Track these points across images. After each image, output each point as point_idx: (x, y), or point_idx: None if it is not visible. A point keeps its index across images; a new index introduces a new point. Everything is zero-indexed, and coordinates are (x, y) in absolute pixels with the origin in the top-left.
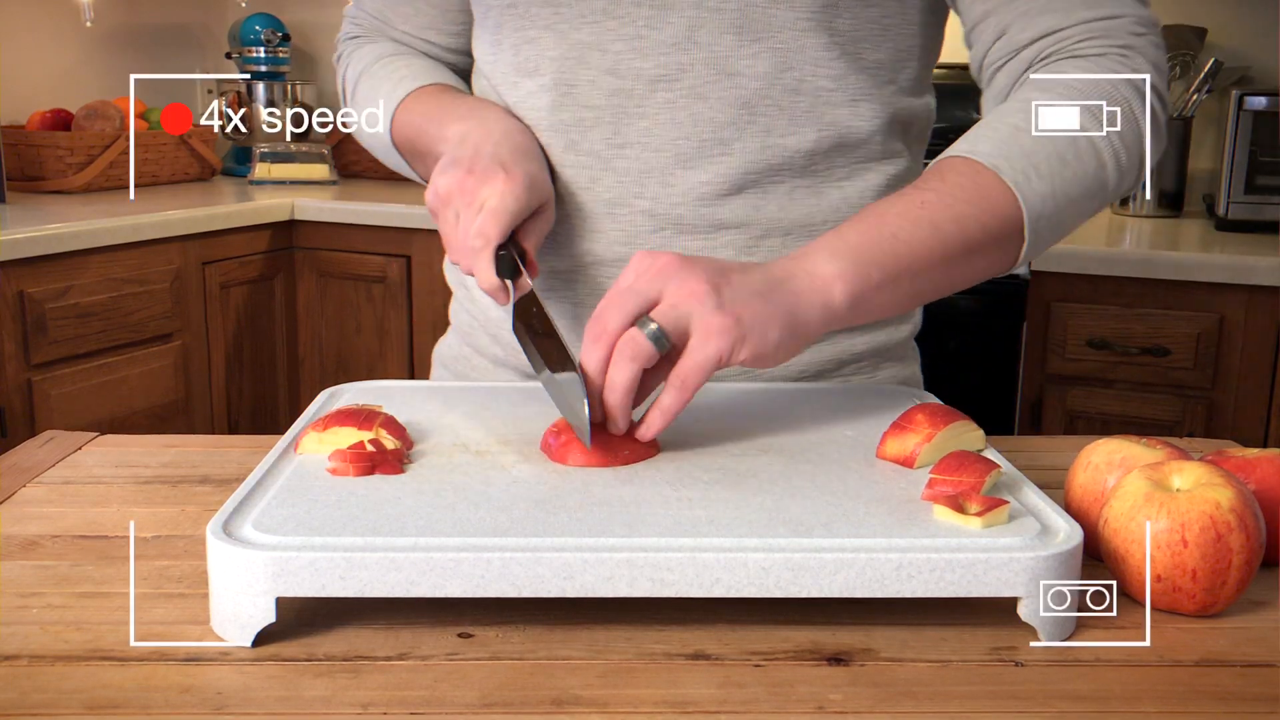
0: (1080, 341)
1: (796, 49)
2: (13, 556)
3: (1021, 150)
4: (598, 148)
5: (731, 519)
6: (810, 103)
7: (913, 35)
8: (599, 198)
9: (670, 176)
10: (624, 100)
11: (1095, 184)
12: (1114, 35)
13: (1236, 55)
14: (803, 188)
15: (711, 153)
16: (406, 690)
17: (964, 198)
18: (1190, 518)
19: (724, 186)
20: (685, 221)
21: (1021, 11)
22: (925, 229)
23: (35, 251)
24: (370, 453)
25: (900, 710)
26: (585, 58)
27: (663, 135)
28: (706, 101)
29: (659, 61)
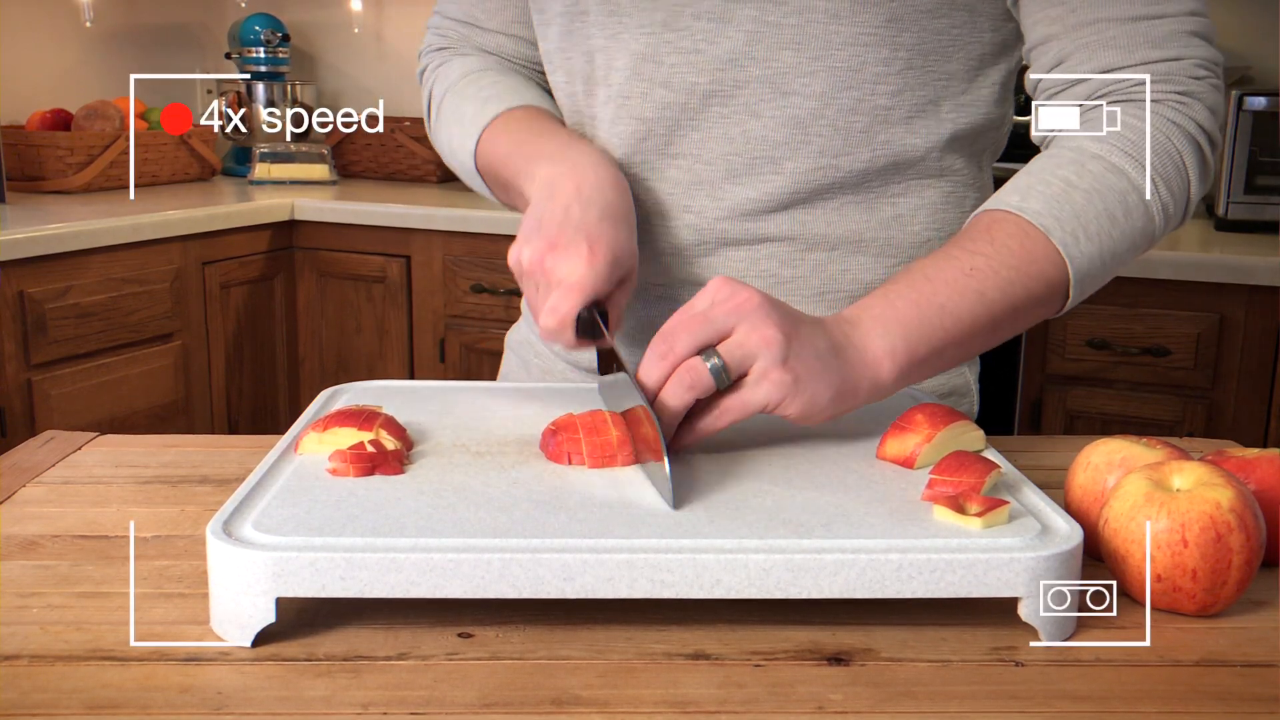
0: (1080, 341)
1: (856, 67)
2: (13, 556)
3: (1073, 210)
4: (650, 158)
5: (731, 520)
6: (867, 122)
7: (984, 44)
8: (648, 209)
9: (719, 191)
10: (678, 114)
11: (1142, 237)
12: (1174, 80)
13: (1236, 55)
14: (852, 203)
15: (762, 170)
16: (406, 690)
17: (1012, 263)
18: (1190, 518)
19: (771, 203)
20: (730, 236)
21: (1084, 43)
22: (972, 299)
23: (35, 251)
24: (370, 453)
25: (900, 710)
26: (640, 69)
27: (714, 150)
28: (760, 119)
29: (714, 76)
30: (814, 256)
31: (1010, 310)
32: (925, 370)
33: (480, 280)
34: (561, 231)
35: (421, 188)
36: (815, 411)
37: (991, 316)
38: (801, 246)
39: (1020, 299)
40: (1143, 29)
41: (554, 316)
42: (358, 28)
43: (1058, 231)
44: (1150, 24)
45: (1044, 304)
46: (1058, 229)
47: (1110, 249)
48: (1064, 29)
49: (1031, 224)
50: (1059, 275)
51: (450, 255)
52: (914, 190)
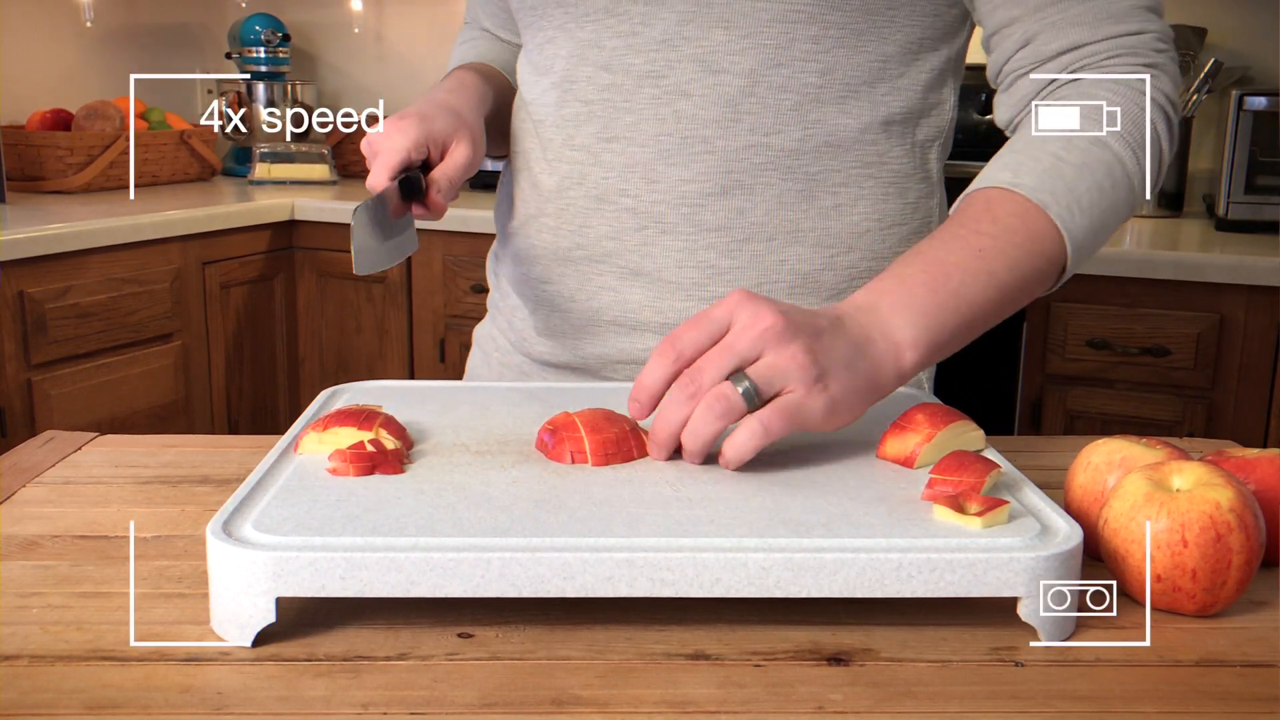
0: (1080, 341)
1: (784, 44)
2: (13, 556)
3: (1066, 184)
4: (589, 142)
5: (731, 519)
6: (796, 100)
7: (924, 28)
8: (588, 192)
9: (653, 173)
10: (614, 95)
11: (1126, 207)
12: (1140, 52)
13: (1236, 55)
14: (791, 191)
15: (694, 149)
16: (406, 690)
17: (1017, 241)
18: (1190, 518)
19: (708, 185)
20: (668, 221)
21: (1050, 22)
22: (985, 280)
23: (35, 251)
24: (370, 453)
25: (900, 710)
26: (585, 55)
27: (647, 130)
28: (691, 99)
29: (649, 58)
30: (752, 247)
31: (1020, 288)
32: (944, 354)
33: (480, 280)
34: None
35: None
36: (850, 417)
37: (1002, 296)
38: (739, 236)
39: (1028, 276)
40: (1103, 6)
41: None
42: (358, 28)
43: (1055, 206)
44: (1108, 2)
45: (1045, 279)
46: (1054, 204)
47: (1100, 221)
48: (1026, 11)
49: (1030, 200)
50: (1058, 250)
51: (450, 255)
52: (854, 180)
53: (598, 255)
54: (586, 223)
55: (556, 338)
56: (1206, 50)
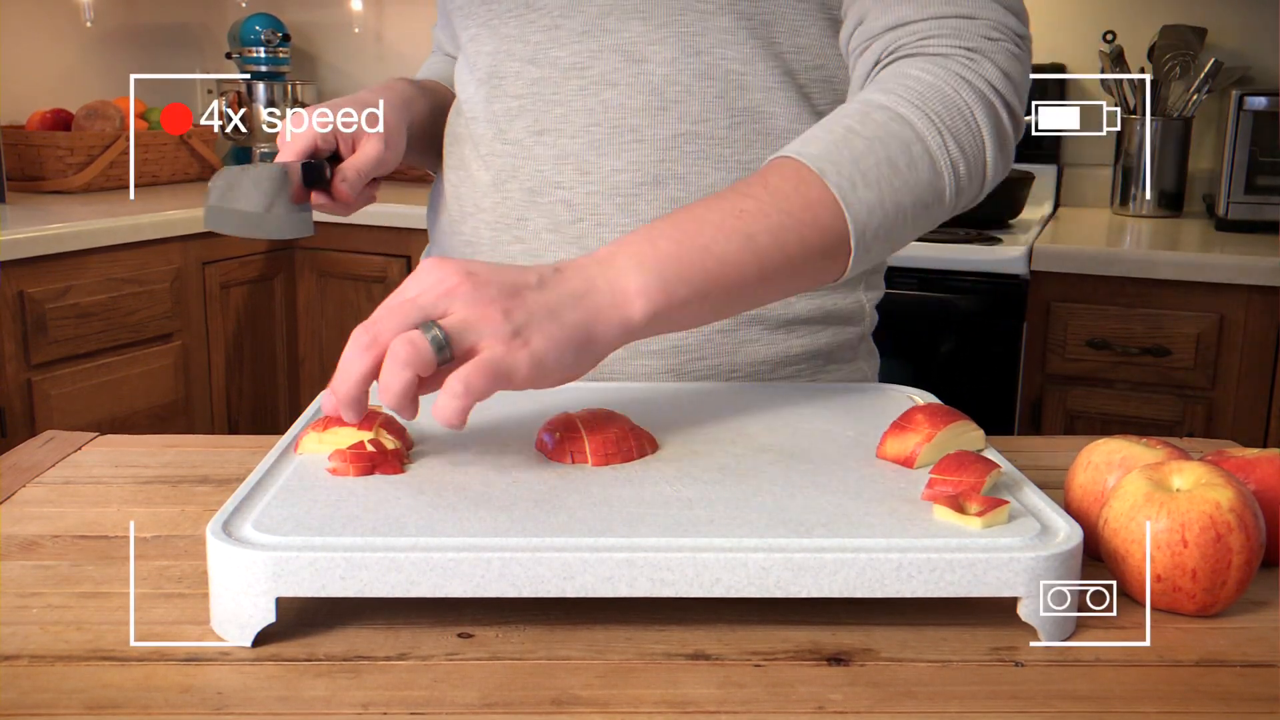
0: (1080, 341)
1: (702, 31)
2: (13, 556)
3: (851, 155)
4: (520, 136)
5: (731, 519)
6: (721, 88)
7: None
8: (522, 186)
9: (585, 164)
10: (542, 88)
11: (930, 193)
12: (964, 36)
13: (1236, 55)
14: (725, 180)
15: (624, 139)
16: (406, 690)
17: (784, 207)
18: (1190, 518)
19: (640, 175)
20: (603, 211)
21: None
22: (739, 241)
23: (35, 251)
24: (370, 453)
25: (900, 710)
26: (511, 50)
27: (577, 122)
28: (617, 88)
29: (573, 49)
30: None
31: (783, 257)
32: (687, 314)
33: None
34: None
35: (422, 188)
36: (563, 372)
37: (760, 262)
38: None
39: (794, 246)
40: None
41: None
42: (358, 28)
43: (833, 175)
44: None
45: (825, 256)
46: (834, 172)
47: (893, 199)
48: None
49: (807, 167)
50: (837, 224)
51: None
52: None
53: (537, 248)
54: (524, 215)
55: None
56: (1206, 50)
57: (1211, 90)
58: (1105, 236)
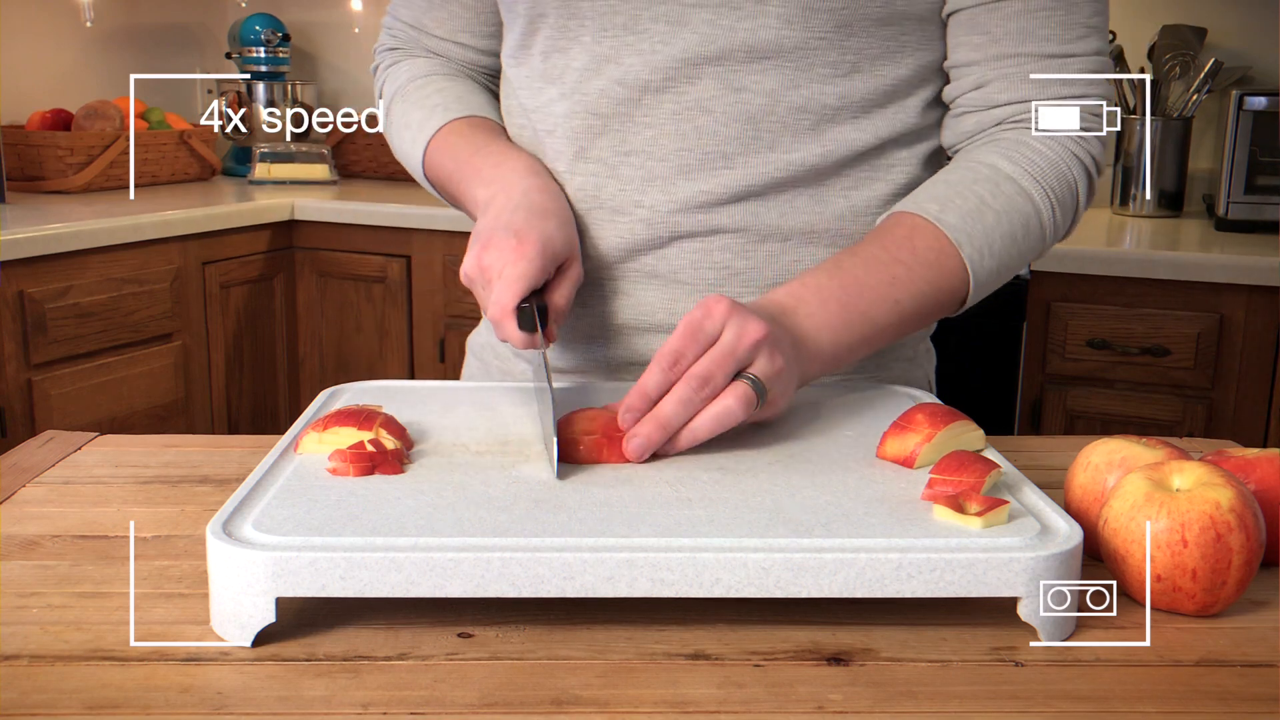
0: (1080, 341)
1: (805, 68)
2: (13, 556)
3: (983, 228)
4: (605, 155)
5: (731, 519)
6: (815, 120)
7: (935, 51)
8: (604, 204)
9: (671, 186)
10: (631, 109)
11: (1032, 254)
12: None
13: (1236, 55)
14: (805, 195)
15: (714, 165)
16: (406, 690)
17: (929, 276)
18: (1190, 518)
19: (724, 196)
20: (683, 229)
21: (1004, 74)
22: (890, 307)
23: (35, 251)
24: (370, 453)
25: (900, 710)
26: (601, 69)
27: (667, 145)
28: (712, 115)
29: (668, 74)
30: (767, 247)
31: (916, 317)
32: (836, 368)
33: None
34: (493, 234)
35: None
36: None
37: (902, 323)
38: (754, 238)
39: (927, 307)
40: (1055, 66)
41: (496, 308)
42: (358, 27)
43: (968, 248)
44: (1061, 62)
45: (943, 310)
46: (969, 245)
47: (1006, 264)
48: (985, 57)
49: (948, 238)
50: (961, 287)
51: (450, 255)
52: (865, 184)
53: (612, 260)
54: (601, 233)
55: (565, 342)
56: (1206, 50)
57: (1211, 90)
58: (1105, 236)
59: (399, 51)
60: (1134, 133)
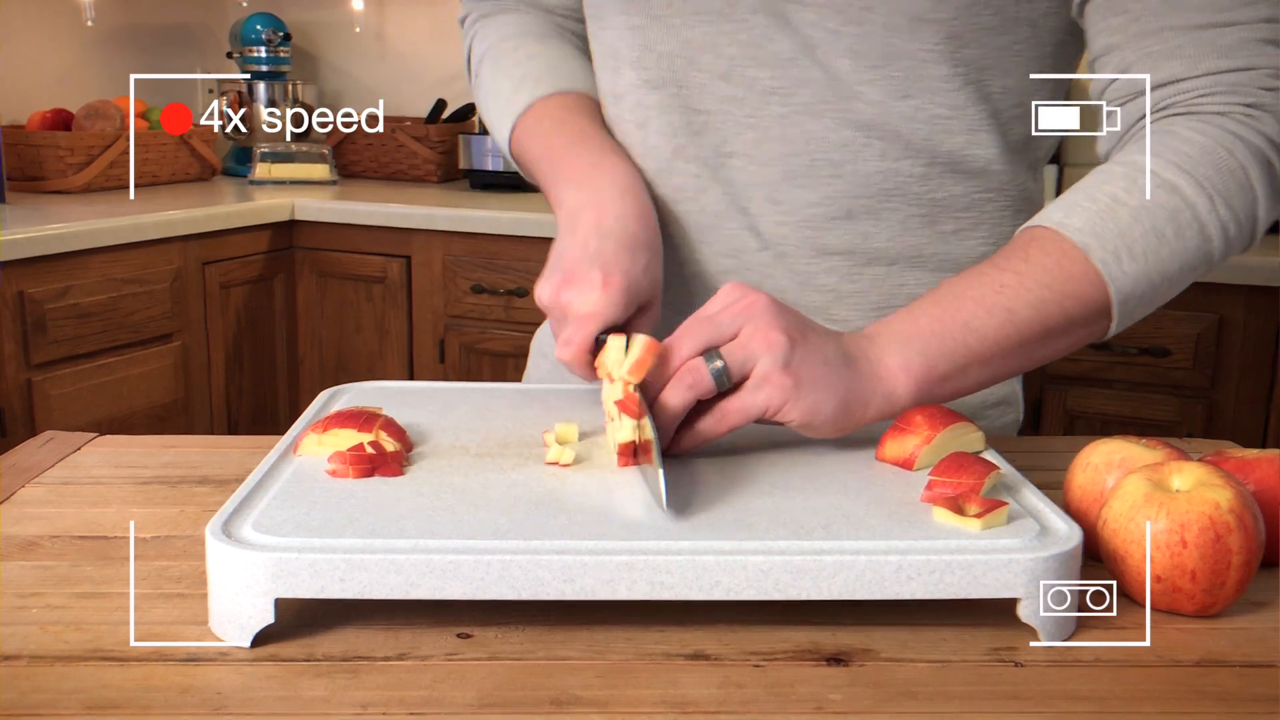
0: None
1: (915, 78)
2: (13, 556)
3: (1117, 228)
4: (705, 155)
5: (731, 521)
6: (927, 131)
7: (1046, 57)
8: (705, 209)
9: (777, 193)
10: (735, 108)
11: (1197, 257)
12: (1241, 91)
13: None
14: (915, 216)
15: (822, 173)
16: (406, 690)
17: (1045, 281)
18: (1190, 518)
19: (833, 209)
20: (790, 243)
21: (1148, 52)
22: (1000, 316)
23: (35, 251)
24: (370, 455)
25: (900, 710)
26: (697, 59)
27: (772, 150)
28: (821, 120)
29: (775, 73)
30: (873, 270)
31: (1042, 330)
32: (948, 387)
33: (480, 280)
34: (577, 265)
35: (421, 188)
36: (820, 421)
37: (1021, 336)
38: (861, 260)
39: (1055, 318)
40: (1210, 37)
41: (568, 348)
42: (359, 27)
43: (1098, 250)
44: (1218, 31)
45: (1084, 325)
46: (1098, 248)
47: (1159, 269)
48: (1126, 38)
49: (1070, 241)
50: (1098, 295)
51: (450, 255)
52: (975, 204)
53: (714, 271)
54: (702, 239)
55: None
56: None
57: None
58: None
59: (489, 3)
60: None
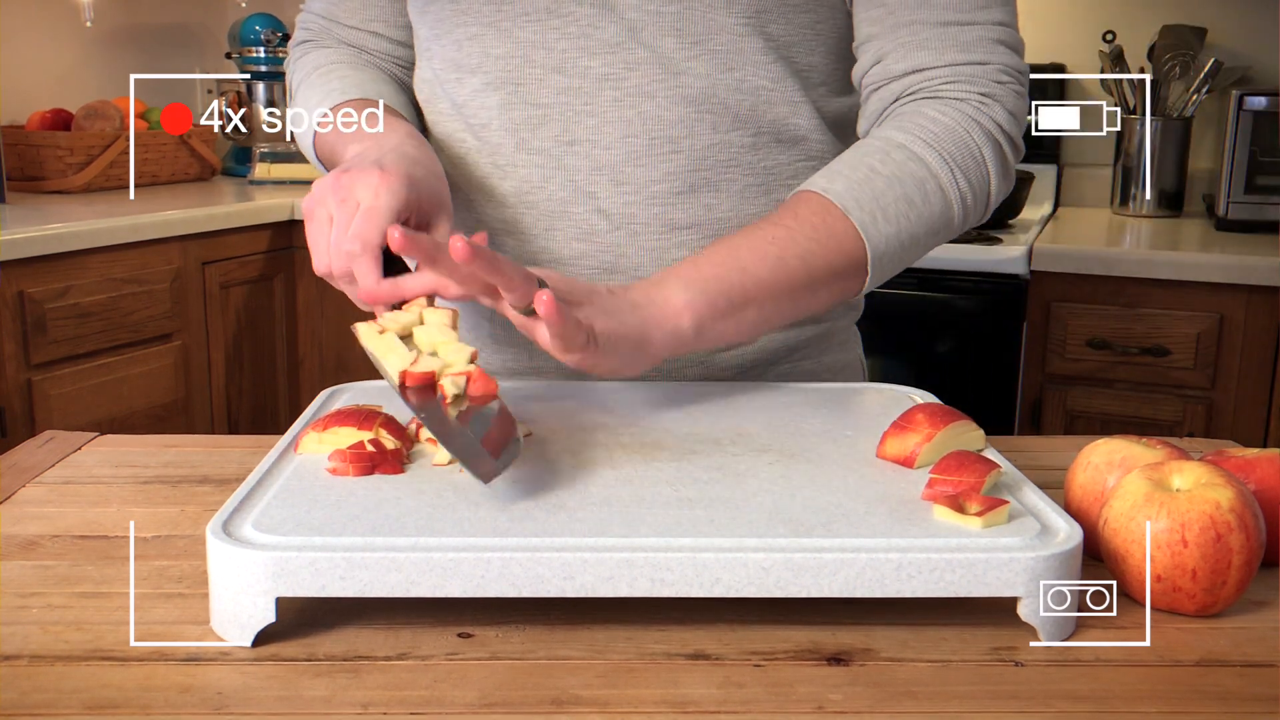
0: (1080, 341)
1: (736, 51)
2: (13, 556)
3: (873, 193)
4: (548, 146)
5: (731, 519)
6: (752, 102)
7: (846, 41)
8: (552, 197)
9: (621, 174)
10: (572, 98)
11: (941, 222)
12: (977, 81)
13: (1236, 55)
14: (754, 187)
15: (662, 150)
16: (406, 690)
17: (812, 235)
18: (1190, 518)
19: (676, 184)
20: (639, 221)
21: (901, 42)
22: (772, 263)
23: (35, 251)
24: (370, 453)
25: (900, 710)
26: (530, 56)
27: (612, 133)
28: (655, 100)
29: (606, 60)
30: None
31: (809, 278)
32: (728, 325)
33: None
34: (352, 164)
35: None
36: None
37: (790, 282)
38: (708, 232)
39: (820, 269)
40: (953, 33)
41: (356, 241)
42: None
43: (856, 212)
44: (960, 29)
45: (844, 278)
46: (857, 209)
47: (908, 230)
48: (883, 29)
49: (834, 204)
50: (857, 251)
51: None
52: (800, 172)
53: (567, 256)
54: (553, 226)
55: (520, 345)
56: (1206, 50)
57: (1211, 90)
58: (1105, 236)
59: (309, 44)
60: (1134, 133)
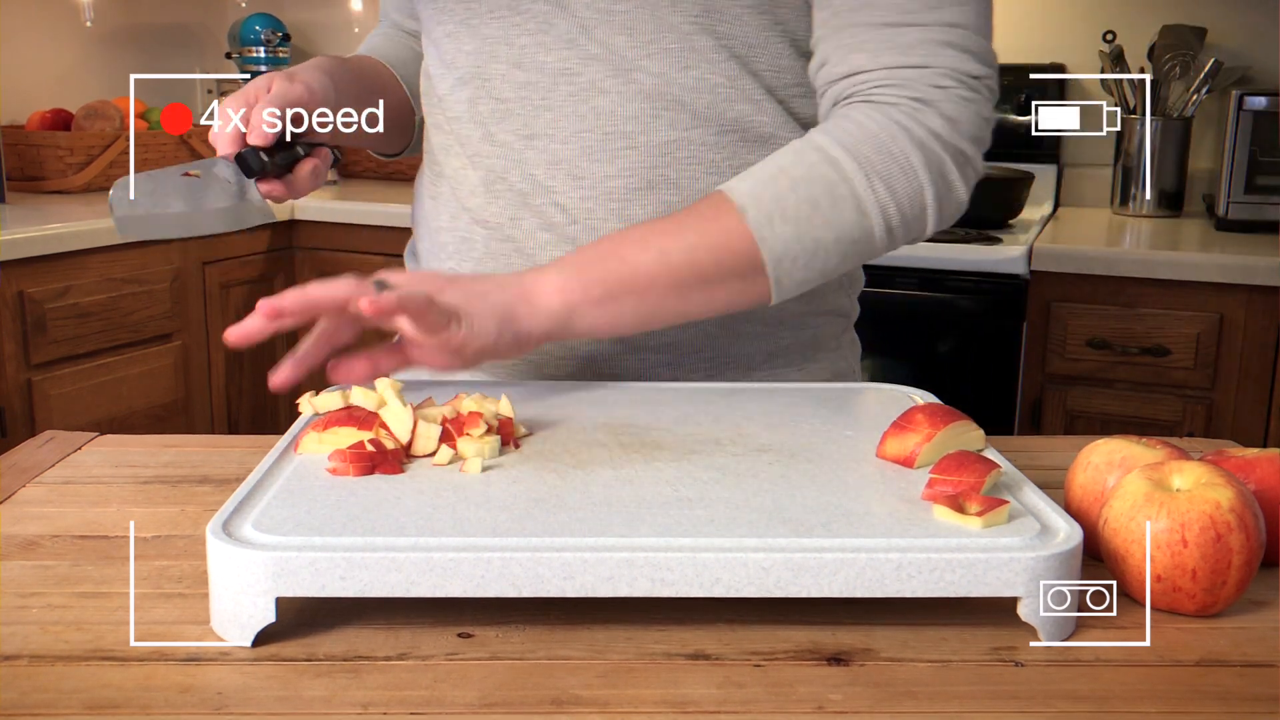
0: (1080, 341)
1: (690, 49)
2: (13, 556)
3: (775, 193)
4: (509, 139)
5: (731, 519)
6: (710, 99)
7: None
8: (514, 188)
9: (578, 169)
10: (531, 93)
11: (856, 230)
12: (911, 86)
13: (1236, 55)
14: (715, 185)
15: (616, 146)
16: (406, 690)
17: (700, 230)
18: (1190, 518)
19: (633, 181)
20: (596, 216)
21: (841, 44)
22: (654, 254)
23: (35, 251)
24: (370, 453)
25: (900, 710)
26: (495, 51)
27: (568, 128)
28: (608, 96)
29: (561, 55)
30: None
31: (694, 274)
32: (604, 312)
33: None
34: None
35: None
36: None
37: (673, 276)
38: None
39: (707, 266)
40: (891, 35)
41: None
42: (358, 28)
43: (753, 211)
44: (899, 31)
45: (739, 278)
46: (754, 209)
47: (811, 234)
48: (828, 31)
49: (732, 202)
50: (750, 251)
51: None
52: None
53: (531, 248)
54: (516, 215)
55: None
56: (1206, 50)
57: (1211, 90)
58: (1105, 236)
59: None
60: (1134, 133)
